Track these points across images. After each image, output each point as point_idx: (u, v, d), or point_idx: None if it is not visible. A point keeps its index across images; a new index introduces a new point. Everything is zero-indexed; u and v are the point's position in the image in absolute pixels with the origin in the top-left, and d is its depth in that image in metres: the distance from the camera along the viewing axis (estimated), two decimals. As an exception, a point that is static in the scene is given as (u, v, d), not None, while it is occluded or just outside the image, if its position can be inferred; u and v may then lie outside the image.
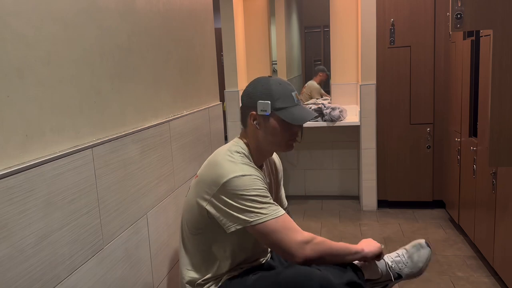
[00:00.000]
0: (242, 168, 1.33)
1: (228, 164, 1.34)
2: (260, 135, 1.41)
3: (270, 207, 1.31)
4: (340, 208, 3.79)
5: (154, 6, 1.64)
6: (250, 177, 1.31)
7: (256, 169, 1.38)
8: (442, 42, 3.36)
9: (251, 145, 1.44)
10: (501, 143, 1.44)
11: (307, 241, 1.29)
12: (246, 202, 1.29)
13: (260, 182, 1.33)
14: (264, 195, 1.31)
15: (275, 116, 1.38)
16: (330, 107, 3.61)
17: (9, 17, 0.93)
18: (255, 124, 1.41)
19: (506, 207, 2.19)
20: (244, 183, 1.30)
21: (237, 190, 1.29)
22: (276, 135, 1.40)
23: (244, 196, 1.29)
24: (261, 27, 4.06)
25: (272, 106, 1.37)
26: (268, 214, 1.29)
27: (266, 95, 1.39)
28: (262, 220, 1.29)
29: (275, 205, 1.33)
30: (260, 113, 1.38)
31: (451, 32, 2.81)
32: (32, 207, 0.96)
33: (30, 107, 0.98)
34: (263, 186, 1.33)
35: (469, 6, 1.39)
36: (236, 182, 1.29)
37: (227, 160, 1.35)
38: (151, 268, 1.56)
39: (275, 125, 1.39)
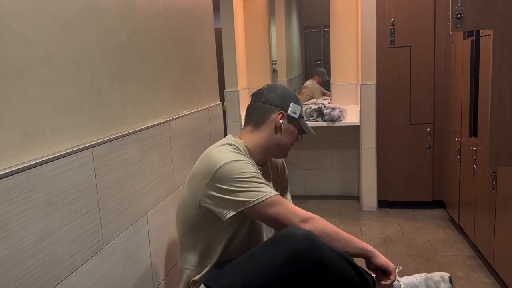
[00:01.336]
0: (234, 155, 1.34)
1: (218, 154, 1.35)
2: (278, 136, 1.47)
3: (268, 187, 1.33)
4: (340, 208, 3.79)
5: (154, 6, 1.64)
6: (242, 162, 1.33)
7: (250, 159, 1.40)
8: (442, 42, 3.36)
9: (252, 143, 1.47)
10: (501, 143, 1.44)
11: (311, 217, 1.33)
12: (242, 184, 1.29)
13: (252, 166, 1.34)
14: (258, 176, 1.32)
15: (296, 121, 1.49)
16: (330, 107, 3.61)
17: (9, 17, 0.93)
18: (280, 123, 1.46)
19: (506, 207, 2.19)
20: (238, 166, 1.31)
21: (231, 174, 1.30)
22: (290, 138, 1.49)
23: (240, 179, 1.29)
24: (261, 27, 4.06)
25: (299, 112, 1.49)
26: (268, 192, 1.30)
27: (297, 100, 1.51)
28: (264, 197, 1.29)
29: (268, 185, 1.34)
30: (291, 114, 1.47)
31: (451, 32, 2.81)
32: (32, 207, 0.96)
33: (30, 107, 0.98)
34: (254, 169, 1.34)
35: (469, 6, 1.39)
36: (229, 167, 1.30)
37: (217, 151, 1.37)
38: (151, 268, 1.56)
39: (293, 129, 1.49)
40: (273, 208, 1.30)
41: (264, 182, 1.33)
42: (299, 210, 1.35)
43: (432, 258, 2.75)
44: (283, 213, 1.31)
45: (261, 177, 1.34)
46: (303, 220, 1.31)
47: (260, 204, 1.29)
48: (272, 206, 1.30)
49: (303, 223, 1.31)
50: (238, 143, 1.43)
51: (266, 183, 1.34)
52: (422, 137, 3.52)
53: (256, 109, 1.49)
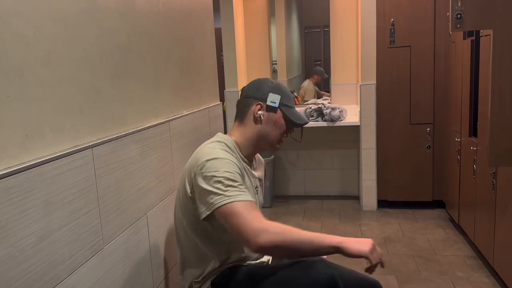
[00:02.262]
0: (217, 152, 1.34)
1: (206, 150, 1.37)
2: (259, 127, 1.46)
3: (236, 191, 1.27)
4: (340, 208, 3.80)
5: (154, 6, 1.64)
6: (222, 160, 1.32)
7: (238, 156, 1.41)
8: (442, 42, 3.36)
9: (241, 138, 1.47)
10: (501, 143, 1.44)
11: (264, 229, 1.21)
12: (214, 183, 1.28)
13: (233, 167, 1.33)
14: (232, 179, 1.29)
15: (279, 112, 1.46)
16: (330, 107, 3.61)
17: (9, 17, 0.93)
18: (259, 115, 1.45)
19: (506, 207, 2.19)
20: (215, 164, 1.30)
21: (208, 171, 1.30)
22: (275, 129, 1.46)
23: (213, 178, 1.28)
24: (261, 27, 4.06)
25: (280, 101, 1.45)
26: (231, 197, 1.25)
27: (276, 90, 1.47)
28: (224, 202, 1.24)
29: (241, 190, 1.28)
30: (270, 103, 1.45)
31: (451, 32, 2.81)
32: (32, 207, 0.96)
33: (30, 107, 0.98)
34: (234, 170, 1.32)
35: (469, 6, 1.39)
36: (208, 164, 1.31)
37: (206, 148, 1.39)
38: (151, 268, 1.56)
39: (279, 119, 1.46)
40: (230, 217, 1.24)
41: (234, 184, 1.28)
42: (254, 220, 1.23)
43: (432, 258, 2.75)
44: (237, 224, 1.23)
45: (236, 178, 1.30)
46: (256, 234, 1.20)
47: (221, 208, 1.25)
48: (229, 214, 1.24)
49: (262, 233, 1.20)
50: (227, 140, 1.44)
51: (236, 186, 1.28)
52: (422, 137, 3.52)
53: (240, 104, 1.51)
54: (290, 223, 3.74)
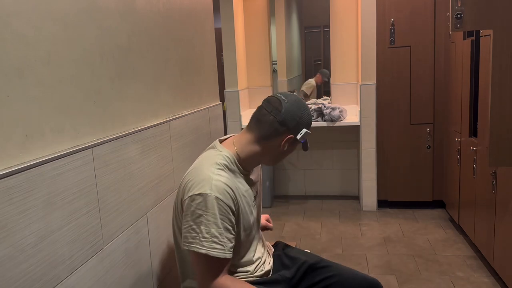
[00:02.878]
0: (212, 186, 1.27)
1: (202, 178, 1.30)
2: (274, 153, 1.42)
3: (213, 243, 1.26)
4: (340, 208, 3.80)
5: (154, 6, 1.64)
6: (215, 201, 1.26)
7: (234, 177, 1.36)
8: (442, 42, 3.36)
9: (244, 152, 1.40)
10: (501, 143, 1.44)
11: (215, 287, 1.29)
12: (198, 223, 1.26)
13: (223, 210, 1.27)
14: (217, 225, 1.26)
15: (296, 141, 1.41)
16: (330, 107, 3.61)
17: (9, 17, 0.93)
18: (285, 146, 1.39)
19: (506, 207, 2.19)
20: (207, 204, 1.26)
21: (198, 208, 1.26)
22: (285, 154, 1.44)
23: (199, 218, 1.26)
24: (261, 27, 4.06)
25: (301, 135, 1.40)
26: (207, 248, 1.25)
27: (308, 125, 1.41)
28: (196, 248, 1.26)
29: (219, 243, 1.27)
30: (299, 138, 1.39)
31: (451, 32, 2.81)
32: (32, 207, 0.96)
33: (30, 107, 0.98)
34: (223, 214, 1.27)
35: (469, 6, 1.39)
36: (199, 200, 1.26)
37: (204, 171, 1.32)
38: (151, 268, 1.56)
39: (289, 149, 1.43)
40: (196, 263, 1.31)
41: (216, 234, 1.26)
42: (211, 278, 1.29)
43: (432, 258, 2.75)
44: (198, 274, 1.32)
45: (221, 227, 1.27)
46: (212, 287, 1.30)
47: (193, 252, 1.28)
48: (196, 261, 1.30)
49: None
50: (230, 158, 1.37)
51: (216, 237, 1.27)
52: (422, 137, 3.52)
53: (268, 124, 1.37)
54: (290, 223, 3.75)
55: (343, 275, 1.51)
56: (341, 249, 2.98)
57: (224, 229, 1.27)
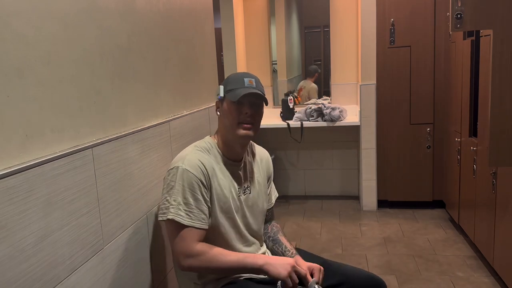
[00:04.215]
0: (184, 160, 1.37)
1: (179, 156, 1.41)
2: (221, 123, 1.48)
3: (179, 210, 1.32)
4: (340, 208, 3.80)
5: (154, 6, 1.64)
6: (184, 171, 1.34)
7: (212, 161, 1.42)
8: (442, 42, 3.36)
9: (219, 138, 1.49)
10: (501, 143, 1.44)
11: (192, 255, 1.31)
12: (166, 193, 1.35)
13: (193, 179, 1.34)
14: (183, 195, 1.33)
15: (226, 98, 1.44)
16: (330, 107, 3.61)
17: (9, 17, 0.93)
18: (217, 112, 1.49)
19: (506, 207, 2.19)
20: (176, 174, 1.35)
21: (169, 179, 1.37)
22: (228, 117, 1.43)
23: (168, 187, 1.35)
24: (261, 27, 4.06)
25: (224, 90, 1.45)
26: (172, 214, 1.32)
27: (223, 82, 1.49)
28: (165, 217, 1.33)
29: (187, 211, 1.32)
30: (216, 98, 1.48)
31: (451, 32, 2.81)
32: (32, 207, 0.96)
33: (30, 107, 0.98)
34: (192, 184, 1.34)
35: (469, 6, 1.39)
36: (171, 172, 1.37)
37: (182, 152, 1.43)
38: (151, 268, 1.56)
39: (226, 107, 1.44)
40: (167, 231, 1.36)
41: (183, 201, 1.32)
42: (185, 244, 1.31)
43: (432, 258, 2.75)
44: (170, 241, 1.35)
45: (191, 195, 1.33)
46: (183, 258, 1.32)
47: (165, 221, 1.34)
48: (170, 230, 1.35)
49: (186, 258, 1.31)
50: (210, 143, 1.47)
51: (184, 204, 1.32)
52: (422, 137, 3.52)
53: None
54: (290, 223, 3.74)
55: (348, 274, 1.50)
56: (341, 249, 2.98)
57: (193, 199, 1.34)
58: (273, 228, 1.66)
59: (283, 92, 4.02)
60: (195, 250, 1.31)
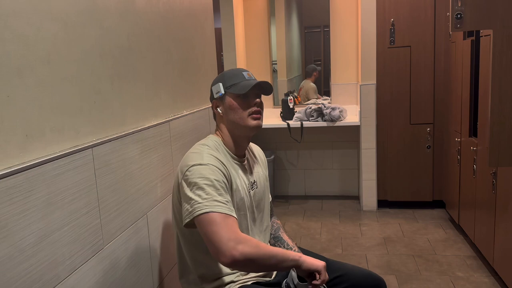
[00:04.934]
0: (203, 158, 1.34)
1: (193, 155, 1.37)
2: (226, 120, 1.45)
3: (215, 201, 1.26)
4: (340, 208, 3.79)
5: (154, 6, 1.64)
6: (206, 166, 1.31)
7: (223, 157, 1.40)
8: (442, 42, 3.36)
9: (224, 136, 1.47)
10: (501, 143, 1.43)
11: (242, 240, 1.22)
12: (196, 190, 1.28)
13: (217, 173, 1.32)
14: (214, 187, 1.29)
15: (228, 94, 1.43)
16: (330, 107, 3.61)
17: (9, 17, 0.93)
18: (218, 111, 1.46)
19: (506, 207, 2.19)
20: (199, 170, 1.30)
21: (192, 178, 1.30)
22: (235, 111, 1.42)
23: (196, 185, 1.29)
24: (261, 27, 4.06)
25: (223, 87, 1.44)
26: (209, 206, 1.25)
27: (216, 80, 1.48)
28: (203, 210, 1.24)
29: (221, 202, 1.27)
30: (216, 96, 1.45)
31: (451, 32, 2.81)
32: (32, 207, 0.96)
33: (30, 107, 0.98)
34: (217, 178, 1.31)
35: (469, 6, 1.39)
36: (192, 170, 1.31)
37: (193, 152, 1.39)
38: (151, 268, 1.56)
39: (231, 102, 1.43)
40: (207, 225, 1.24)
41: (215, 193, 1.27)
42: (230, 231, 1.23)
43: (432, 258, 2.75)
44: (213, 233, 1.23)
45: (220, 188, 1.29)
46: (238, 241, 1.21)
47: (198, 217, 1.25)
48: (207, 223, 1.24)
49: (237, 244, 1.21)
50: (214, 141, 1.45)
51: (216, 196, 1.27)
52: (422, 137, 3.52)
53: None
54: (290, 223, 3.74)
55: (348, 271, 1.51)
56: (341, 249, 2.98)
57: (224, 191, 1.31)
58: (273, 225, 1.66)
59: (283, 92, 4.02)
60: (241, 236, 1.24)
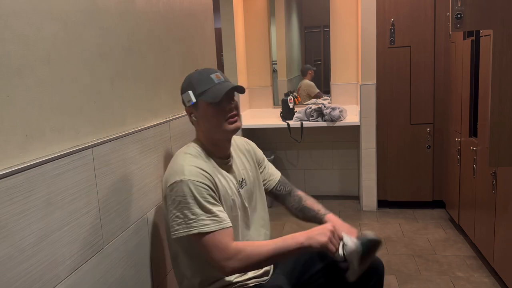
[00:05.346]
0: (184, 172, 1.30)
1: (175, 168, 1.35)
2: (202, 126, 1.43)
3: (202, 220, 1.27)
4: (340, 208, 3.79)
5: (154, 6, 1.64)
6: (190, 183, 1.28)
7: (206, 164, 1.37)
8: (442, 42, 3.36)
9: (202, 141, 1.45)
10: (501, 143, 1.43)
11: (229, 257, 1.26)
12: (181, 209, 1.28)
13: (200, 188, 1.29)
14: (199, 204, 1.28)
15: (201, 102, 1.39)
16: (330, 107, 3.61)
17: (9, 17, 0.93)
18: (193, 118, 1.44)
19: (506, 207, 2.19)
20: (183, 188, 1.28)
21: (176, 195, 1.29)
22: (211, 119, 1.40)
23: (180, 204, 1.29)
24: (261, 27, 4.06)
25: (194, 94, 1.39)
26: (197, 227, 1.27)
27: (188, 87, 1.42)
28: (190, 232, 1.28)
29: (210, 219, 1.28)
30: (188, 104, 1.42)
31: (451, 32, 2.81)
32: (32, 207, 0.96)
33: (30, 107, 0.98)
34: (202, 192, 1.29)
35: (469, 6, 1.39)
36: (176, 187, 1.29)
37: (175, 164, 1.37)
38: (151, 268, 1.56)
39: (205, 110, 1.39)
40: (197, 244, 1.29)
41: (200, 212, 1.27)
42: (219, 251, 1.27)
43: (432, 258, 2.75)
44: (207, 254, 1.28)
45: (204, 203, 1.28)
46: (227, 258, 1.27)
47: (190, 236, 1.28)
48: (196, 242, 1.29)
49: (226, 261, 1.26)
50: (197, 148, 1.42)
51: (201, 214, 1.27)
52: (422, 137, 3.52)
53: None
54: (290, 223, 3.73)
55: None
56: (341, 249, 2.98)
57: (210, 205, 1.30)
58: (295, 198, 1.68)
59: (283, 92, 4.02)
60: (231, 251, 1.27)
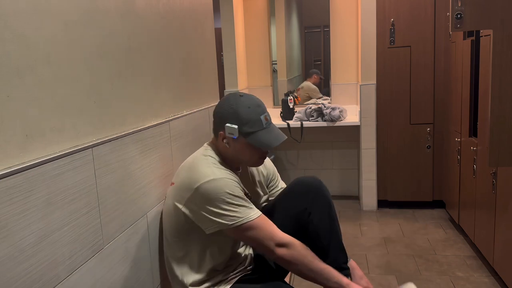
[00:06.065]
0: (214, 172, 1.34)
1: (201, 168, 1.37)
2: (229, 152, 1.44)
3: (245, 210, 1.32)
4: (340, 208, 3.79)
5: (154, 6, 1.64)
6: (222, 180, 1.32)
7: (230, 172, 1.40)
8: (442, 42, 3.36)
9: (221, 152, 1.46)
10: (501, 143, 1.43)
11: (286, 243, 1.32)
12: (220, 205, 1.31)
13: (233, 183, 1.34)
14: (238, 196, 1.33)
15: (242, 140, 1.40)
16: (330, 107, 3.61)
17: (9, 17, 0.93)
18: (224, 143, 1.43)
19: (506, 207, 2.19)
20: (216, 186, 1.31)
21: (210, 194, 1.31)
22: (244, 155, 1.43)
23: (217, 200, 1.31)
24: (261, 27, 4.06)
25: (239, 131, 1.38)
26: (243, 217, 1.31)
27: (234, 119, 1.38)
28: (240, 222, 1.31)
29: (248, 207, 1.34)
30: (228, 135, 1.40)
31: (451, 32, 2.81)
32: (32, 207, 0.96)
33: (30, 107, 0.98)
34: (235, 187, 1.34)
35: (469, 6, 1.39)
36: (208, 186, 1.32)
37: (200, 164, 1.38)
38: (151, 268, 1.56)
39: (243, 147, 1.41)
40: (250, 232, 1.32)
41: (241, 203, 1.33)
42: (277, 234, 1.33)
43: (432, 258, 2.75)
44: (260, 237, 1.32)
45: (240, 195, 1.34)
46: (280, 245, 1.32)
47: (237, 227, 1.32)
48: (249, 230, 1.32)
49: (278, 248, 1.32)
50: (214, 152, 1.45)
51: (243, 204, 1.33)
52: (422, 137, 3.52)
53: (214, 118, 1.47)
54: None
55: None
56: (341, 249, 2.97)
57: (243, 199, 1.34)
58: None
59: (283, 92, 4.02)
60: (285, 239, 1.32)
